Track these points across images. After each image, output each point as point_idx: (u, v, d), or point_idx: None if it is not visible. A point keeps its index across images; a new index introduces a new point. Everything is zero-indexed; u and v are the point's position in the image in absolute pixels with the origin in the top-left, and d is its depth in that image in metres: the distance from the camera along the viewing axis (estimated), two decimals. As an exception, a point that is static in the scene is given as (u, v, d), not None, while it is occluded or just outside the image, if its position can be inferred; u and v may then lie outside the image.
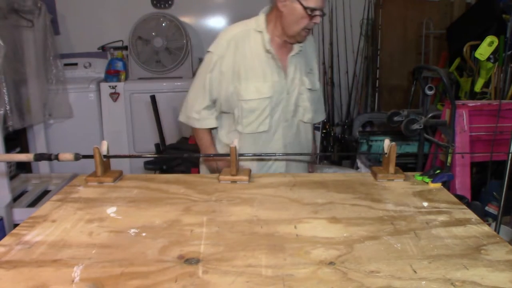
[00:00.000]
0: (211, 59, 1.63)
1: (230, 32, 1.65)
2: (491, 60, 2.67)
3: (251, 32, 1.64)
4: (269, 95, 1.62)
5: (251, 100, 1.61)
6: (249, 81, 1.61)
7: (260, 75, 1.62)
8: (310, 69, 1.75)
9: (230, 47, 1.61)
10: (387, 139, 1.34)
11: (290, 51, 1.66)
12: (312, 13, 1.53)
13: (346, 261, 0.84)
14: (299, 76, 1.68)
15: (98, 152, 1.26)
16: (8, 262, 0.84)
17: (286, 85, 1.65)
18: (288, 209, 1.09)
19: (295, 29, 1.57)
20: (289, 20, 1.57)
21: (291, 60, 1.66)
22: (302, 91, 1.69)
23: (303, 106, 1.71)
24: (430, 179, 1.26)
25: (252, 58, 1.62)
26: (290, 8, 1.55)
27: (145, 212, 1.08)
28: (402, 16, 4.00)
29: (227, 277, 0.79)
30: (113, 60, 3.66)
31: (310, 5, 1.51)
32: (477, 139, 2.33)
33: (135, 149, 3.60)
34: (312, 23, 1.56)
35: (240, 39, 1.62)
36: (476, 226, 1.00)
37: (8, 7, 2.87)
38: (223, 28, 3.98)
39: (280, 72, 1.64)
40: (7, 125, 2.76)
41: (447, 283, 0.77)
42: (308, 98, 1.72)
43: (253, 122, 1.64)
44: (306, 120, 1.74)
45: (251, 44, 1.63)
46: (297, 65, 1.68)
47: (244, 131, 1.65)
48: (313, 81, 1.74)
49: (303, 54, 1.71)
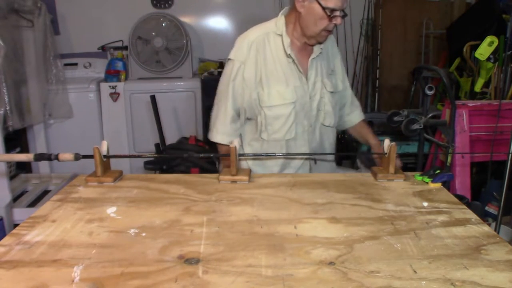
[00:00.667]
0: (233, 66, 1.59)
1: (250, 37, 1.60)
2: (491, 60, 2.67)
3: (271, 36, 1.59)
4: (292, 100, 1.57)
5: (275, 106, 1.57)
6: (272, 87, 1.56)
7: (282, 80, 1.57)
8: (332, 70, 1.70)
9: (251, 52, 1.57)
10: (387, 139, 1.35)
11: (311, 54, 1.61)
12: (331, 14, 1.47)
13: (346, 261, 0.84)
14: (320, 79, 1.63)
15: (98, 152, 1.26)
16: (8, 262, 0.84)
17: (308, 90, 1.60)
18: (288, 209, 1.09)
19: (314, 30, 1.52)
20: (308, 21, 1.52)
21: (312, 63, 1.61)
22: (324, 94, 1.64)
23: (325, 110, 1.66)
24: (430, 179, 1.26)
25: (273, 63, 1.57)
26: (308, 9, 1.50)
27: (145, 212, 1.08)
28: (402, 16, 4.00)
29: (227, 277, 0.79)
30: (113, 60, 3.65)
31: (329, 5, 1.46)
32: (477, 139, 2.33)
33: (135, 149, 3.60)
34: (332, 24, 1.50)
35: (260, 43, 1.58)
36: (476, 226, 1.00)
37: (8, 7, 2.86)
38: (222, 28, 4.02)
39: (301, 77, 1.59)
40: (7, 125, 2.76)
41: (447, 283, 0.77)
42: (330, 101, 1.66)
43: (280, 129, 1.59)
44: (328, 124, 1.68)
45: (272, 48, 1.58)
46: (318, 68, 1.63)
47: (269, 138, 1.61)
48: (335, 82, 1.69)
49: (324, 56, 1.66)
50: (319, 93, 1.63)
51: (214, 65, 3.82)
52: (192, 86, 3.59)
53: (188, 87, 3.59)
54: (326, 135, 1.72)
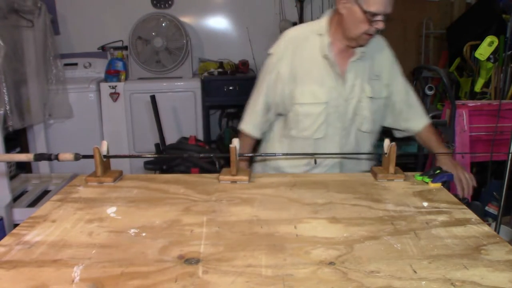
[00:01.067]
0: (271, 61, 1.62)
1: (290, 34, 1.62)
2: (491, 60, 2.67)
3: (312, 35, 1.58)
4: (325, 101, 1.56)
5: (306, 104, 1.57)
6: (305, 85, 1.57)
7: (317, 79, 1.56)
8: (377, 76, 1.63)
9: (288, 48, 1.58)
10: (387, 139, 1.35)
11: (352, 56, 1.57)
12: (372, 18, 1.43)
13: (346, 261, 0.84)
14: (359, 82, 1.58)
15: (98, 152, 1.26)
16: (8, 262, 0.84)
17: (344, 92, 1.57)
18: (288, 209, 1.09)
19: (355, 33, 1.49)
20: (349, 23, 1.49)
21: (352, 65, 1.57)
22: (362, 99, 1.59)
23: (362, 115, 1.61)
24: (430, 179, 1.26)
25: (309, 61, 1.57)
26: (349, 11, 1.46)
27: (145, 212, 1.08)
28: (402, 16, 4.00)
29: (227, 277, 0.79)
30: (113, 60, 3.66)
31: (370, 9, 1.41)
32: (477, 139, 2.33)
33: (135, 149, 3.60)
34: (373, 28, 1.46)
35: (299, 41, 1.58)
36: (476, 226, 1.00)
37: (8, 7, 2.86)
38: (222, 28, 4.02)
39: (338, 78, 1.57)
40: (7, 125, 2.76)
41: (447, 283, 0.77)
42: (369, 106, 1.60)
43: (309, 127, 1.59)
44: (364, 130, 1.63)
45: (311, 47, 1.57)
46: (358, 71, 1.58)
47: (298, 135, 1.62)
48: (378, 88, 1.62)
49: (368, 59, 1.60)
50: (356, 97, 1.59)
51: (214, 65, 3.82)
52: (192, 86, 3.59)
53: (188, 87, 3.59)
54: (362, 141, 1.66)
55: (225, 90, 3.56)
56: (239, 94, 3.56)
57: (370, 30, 1.46)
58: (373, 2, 1.41)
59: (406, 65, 4.42)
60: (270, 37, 3.98)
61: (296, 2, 3.92)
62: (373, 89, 1.61)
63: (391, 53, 1.70)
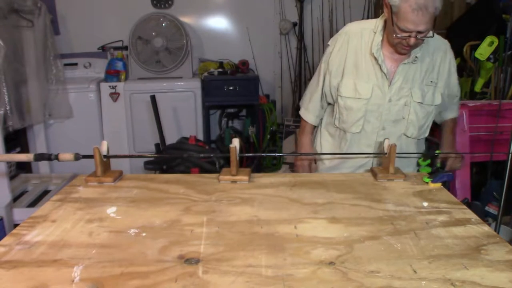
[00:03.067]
0: (328, 51, 1.68)
1: (347, 28, 1.65)
2: (491, 60, 2.67)
3: (367, 31, 1.59)
4: (366, 97, 1.56)
5: (348, 98, 1.60)
6: (350, 79, 1.59)
7: (362, 75, 1.57)
8: (432, 82, 1.58)
9: (343, 41, 1.62)
10: (387, 139, 1.35)
11: (404, 58, 1.53)
12: (401, 33, 1.40)
13: (346, 261, 0.84)
14: (409, 86, 1.55)
15: (98, 152, 1.26)
16: (8, 262, 0.84)
17: (389, 92, 1.56)
18: (288, 209, 1.09)
19: (391, 41, 1.49)
20: (388, 29, 1.49)
21: (402, 68, 1.54)
22: (409, 103, 1.56)
23: (408, 119, 1.58)
24: (430, 179, 1.26)
25: (360, 57, 1.58)
26: (388, 18, 1.46)
27: (145, 212, 1.08)
28: (402, 16, 4.00)
29: (227, 277, 0.79)
30: (113, 60, 3.65)
31: (399, 25, 1.38)
32: (477, 139, 2.33)
33: (135, 149, 3.60)
34: (405, 42, 1.42)
35: (354, 36, 1.60)
36: (476, 226, 1.00)
37: (8, 7, 2.86)
38: (222, 28, 4.02)
39: (384, 78, 1.55)
40: (7, 125, 2.76)
41: (447, 283, 0.77)
42: (416, 111, 1.57)
43: (347, 120, 1.63)
44: (410, 135, 1.61)
45: (363, 43, 1.58)
46: (409, 74, 1.55)
47: (340, 126, 1.67)
48: (429, 94, 1.57)
49: (423, 63, 1.55)
50: (403, 100, 1.57)
51: (214, 65, 3.82)
52: (192, 86, 3.59)
53: (188, 87, 3.59)
54: (405, 145, 1.64)
55: (225, 90, 3.56)
56: (239, 94, 3.56)
57: (403, 42, 1.43)
58: (402, 19, 1.37)
59: (406, 65, 4.33)
60: (270, 37, 4.02)
61: (296, 2, 3.92)
62: (425, 95, 1.57)
63: (452, 58, 1.64)
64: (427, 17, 1.35)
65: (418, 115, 1.58)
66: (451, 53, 1.63)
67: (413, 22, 1.35)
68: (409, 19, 1.35)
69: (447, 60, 1.61)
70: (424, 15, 1.34)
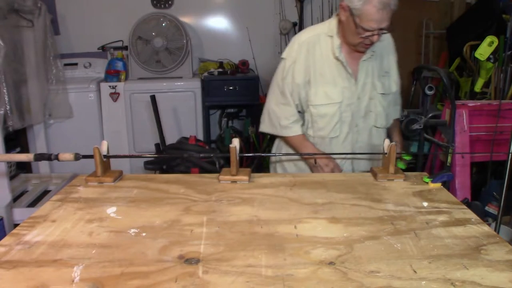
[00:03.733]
0: (285, 65, 1.65)
1: (301, 38, 1.64)
2: (491, 60, 2.66)
3: (322, 37, 1.61)
4: (338, 101, 1.60)
5: (321, 105, 1.61)
6: (319, 86, 1.60)
7: (329, 80, 1.60)
8: (386, 72, 1.69)
9: (301, 52, 1.61)
10: (387, 139, 1.35)
11: (362, 56, 1.61)
12: (363, 33, 1.45)
13: (346, 261, 0.84)
14: (370, 80, 1.64)
15: (98, 152, 1.26)
16: (8, 262, 0.84)
17: (356, 91, 1.62)
18: (288, 209, 1.09)
19: (352, 41, 1.53)
20: (347, 31, 1.53)
21: (362, 64, 1.62)
22: (374, 96, 1.65)
23: (375, 112, 1.67)
24: (430, 179, 1.26)
25: (322, 63, 1.60)
26: (347, 20, 1.50)
27: (145, 212, 1.08)
28: (402, 16, 3.99)
29: (227, 277, 0.79)
30: (113, 60, 3.65)
31: (363, 25, 1.43)
32: (477, 139, 2.33)
33: (135, 149, 3.60)
34: (368, 40, 1.48)
35: (311, 44, 1.61)
36: (476, 226, 1.00)
37: (8, 7, 2.86)
38: (222, 28, 4.02)
39: (350, 78, 1.61)
40: (7, 125, 2.76)
41: (447, 283, 0.77)
42: (381, 103, 1.66)
43: (325, 127, 1.63)
44: (379, 125, 1.70)
45: (322, 49, 1.60)
46: (369, 70, 1.63)
47: (315, 135, 1.66)
48: (387, 84, 1.69)
49: (377, 57, 1.65)
50: (368, 95, 1.64)
51: (214, 65, 3.82)
52: (192, 86, 3.59)
53: (188, 87, 3.59)
54: (377, 137, 1.71)
55: (225, 90, 3.56)
56: (239, 94, 3.56)
57: (366, 41, 1.49)
58: (366, 19, 1.42)
59: (406, 65, 4.42)
60: (270, 37, 4.01)
61: (296, 2, 3.92)
62: (384, 86, 1.66)
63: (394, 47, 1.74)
64: (390, 14, 1.43)
65: (383, 105, 1.67)
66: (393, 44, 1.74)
67: (377, 21, 1.41)
68: (374, 18, 1.41)
69: (392, 52, 1.72)
70: (387, 12, 1.41)
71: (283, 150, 1.79)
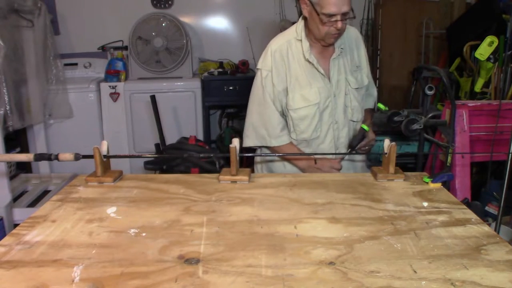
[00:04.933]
0: (261, 75, 1.65)
1: (272, 46, 1.65)
2: (491, 60, 2.67)
3: (292, 42, 1.64)
4: (316, 101, 1.62)
5: (299, 109, 1.63)
6: (295, 91, 1.63)
7: (305, 83, 1.62)
8: (357, 66, 1.72)
9: (275, 60, 1.62)
10: (387, 139, 1.35)
11: (332, 54, 1.64)
12: (329, 19, 1.47)
13: (346, 261, 0.84)
14: (344, 77, 1.66)
15: (98, 152, 1.26)
16: (8, 262, 0.84)
17: (331, 89, 1.65)
18: (288, 209, 1.09)
19: (319, 34, 1.54)
20: (312, 25, 1.55)
21: (333, 62, 1.64)
22: (349, 91, 1.68)
23: (351, 106, 1.70)
24: (430, 179, 1.26)
25: (296, 68, 1.62)
26: (310, 14, 1.52)
27: (145, 212, 1.08)
28: (402, 16, 4.00)
29: (227, 277, 0.79)
30: (113, 60, 3.65)
31: (324, 11, 1.46)
32: (477, 139, 2.33)
33: (135, 149, 3.60)
34: (333, 28, 1.50)
35: (283, 51, 1.63)
36: (476, 226, 1.00)
37: (8, 7, 2.86)
38: (222, 28, 4.02)
39: (323, 77, 1.63)
40: (7, 125, 2.76)
41: (447, 283, 0.77)
42: (356, 97, 1.70)
43: (306, 129, 1.66)
44: (356, 119, 1.73)
45: (294, 53, 1.63)
46: (340, 67, 1.66)
47: (298, 138, 1.68)
48: (360, 78, 1.72)
49: (346, 53, 1.68)
50: (343, 91, 1.67)
51: (214, 65, 3.82)
52: (192, 86, 3.59)
53: (188, 87, 3.59)
54: (355, 131, 1.75)
55: (225, 90, 3.56)
56: (239, 94, 3.56)
57: (331, 31, 1.51)
58: (325, 4, 1.45)
59: (406, 65, 4.42)
60: (270, 37, 4.00)
61: (296, 2, 3.92)
62: (357, 80, 1.69)
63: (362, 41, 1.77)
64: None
65: (358, 99, 1.71)
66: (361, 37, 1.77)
67: (336, 4, 1.45)
68: (332, 2, 1.44)
69: (361, 45, 1.74)
70: None
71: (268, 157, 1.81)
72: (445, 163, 2.24)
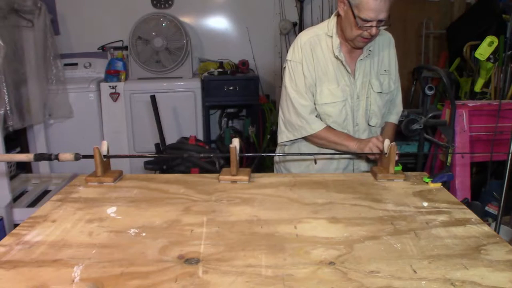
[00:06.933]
0: (291, 66, 1.64)
1: (303, 38, 1.64)
2: (491, 60, 2.67)
3: (322, 37, 1.62)
4: (343, 99, 1.61)
5: (326, 104, 1.62)
6: (324, 85, 1.61)
7: (333, 79, 1.61)
8: (385, 70, 1.69)
9: (306, 52, 1.61)
10: (387, 139, 1.35)
11: (359, 55, 1.62)
12: (364, 24, 1.45)
13: (346, 261, 0.84)
14: (368, 79, 1.64)
15: (98, 152, 1.26)
16: (8, 262, 0.84)
17: (355, 89, 1.63)
18: (288, 209, 1.09)
19: (350, 35, 1.53)
20: (345, 25, 1.53)
21: (360, 64, 1.62)
22: (370, 94, 1.65)
23: (371, 110, 1.67)
24: (430, 179, 1.26)
25: (325, 62, 1.61)
26: (346, 14, 1.51)
27: (145, 212, 1.08)
28: (402, 16, 4.00)
29: (227, 277, 0.79)
30: (113, 60, 3.65)
31: (361, 15, 1.44)
32: (477, 139, 2.33)
33: (135, 149, 3.60)
34: (367, 33, 1.48)
35: (313, 44, 1.61)
36: (476, 226, 1.00)
37: (8, 7, 2.86)
38: (222, 28, 4.02)
39: (350, 77, 1.62)
40: (7, 125, 2.76)
41: (447, 283, 0.77)
42: (376, 101, 1.66)
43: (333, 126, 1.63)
44: (373, 124, 1.69)
45: (323, 48, 1.62)
46: (366, 69, 1.64)
47: None
48: (386, 83, 1.68)
49: (375, 56, 1.66)
50: (366, 93, 1.65)
51: (214, 65, 3.82)
52: (192, 86, 3.59)
53: (188, 87, 3.59)
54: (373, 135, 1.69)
55: (225, 90, 3.56)
56: (239, 94, 3.56)
57: (364, 34, 1.49)
58: (364, 8, 1.43)
59: (406, 65, 4.42)
60: (270, 37, 4.01)
61: (296, 2, 3.92)
62: (382, 84, 1.66)
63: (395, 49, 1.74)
64: (388, 5, 1.44)
65: (379, 104, 1.67)
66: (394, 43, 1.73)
67: (375, 10, 1.42)
68: (372, 7, 1.42)
69: (392, 50, 1.72)
70: (385, 2, 1.42)
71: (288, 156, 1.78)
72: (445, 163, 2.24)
